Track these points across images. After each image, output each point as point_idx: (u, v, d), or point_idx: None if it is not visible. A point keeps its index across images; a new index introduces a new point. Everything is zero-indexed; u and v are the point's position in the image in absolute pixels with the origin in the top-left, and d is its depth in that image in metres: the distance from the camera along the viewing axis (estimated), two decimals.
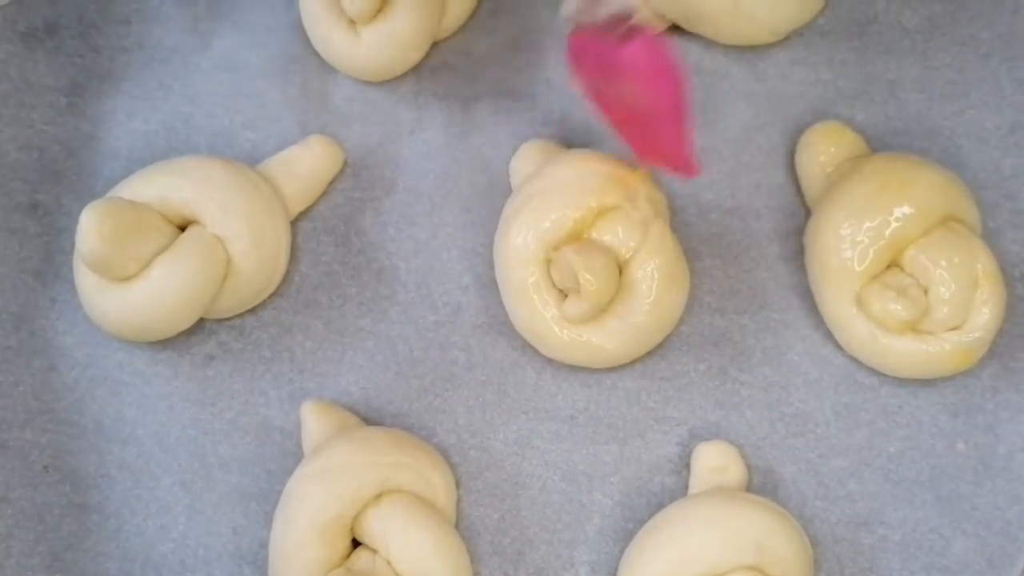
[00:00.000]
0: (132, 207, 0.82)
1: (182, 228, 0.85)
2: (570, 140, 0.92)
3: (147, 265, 0.82)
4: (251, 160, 0.90)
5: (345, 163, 0.92)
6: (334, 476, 0.78)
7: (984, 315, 0.82)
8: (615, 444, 0.85)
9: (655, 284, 0.82)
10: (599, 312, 0.82)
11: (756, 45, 0.94)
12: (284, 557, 0.78)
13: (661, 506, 0.81)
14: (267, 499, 0.83)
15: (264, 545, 0.82)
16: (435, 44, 0.94)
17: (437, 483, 0.81)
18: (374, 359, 0.87)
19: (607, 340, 0.83)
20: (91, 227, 0.79)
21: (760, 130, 0.93)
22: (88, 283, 0.83)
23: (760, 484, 0.84)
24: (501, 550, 0.83)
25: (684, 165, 0.79)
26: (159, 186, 0.84)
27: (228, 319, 0.88)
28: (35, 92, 0.93)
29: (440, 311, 0.89)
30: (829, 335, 0.87)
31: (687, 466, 0.84)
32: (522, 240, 0.83)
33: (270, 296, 0.88)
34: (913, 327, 0.83)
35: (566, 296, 0.83)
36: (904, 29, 0.95)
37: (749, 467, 0.84)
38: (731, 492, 0.80)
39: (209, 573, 0.82)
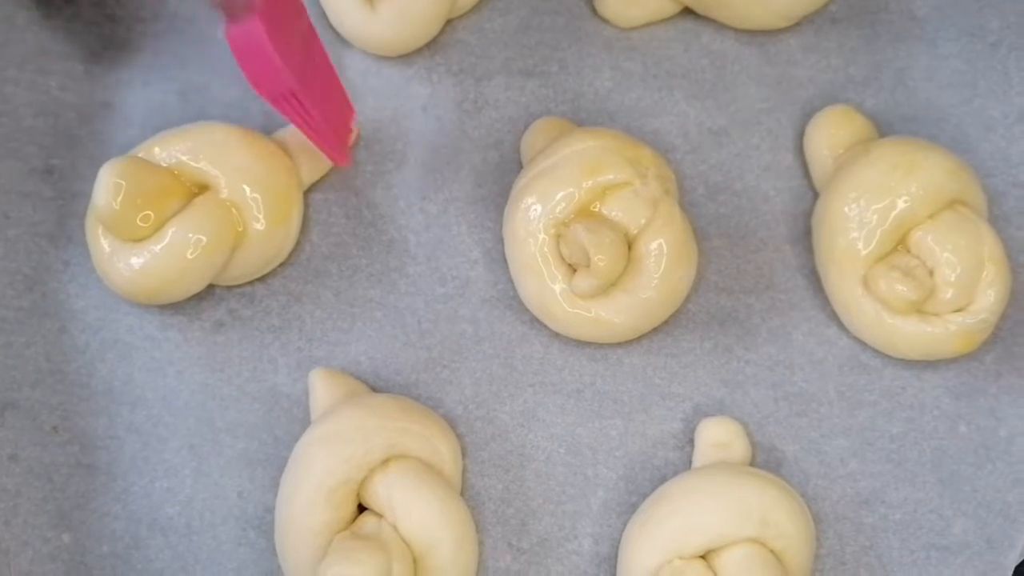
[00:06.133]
0: (150, 168, 0.82)
1: (196, 194, 0.85)
2: (582, 118, 0.93)
3: (160, 228, 0.82)
4: (265, 131, 0.90)
5: (358, 136, 0.92)
6: (342, 440, 0.78)
7: (989, 297, 0.83)
8: (620, 419, 0.86)
9: (663, 260, 0.83)
10: (608, 287, 0.83)
11: (768, 30, 0.95)
12: (290, 520, 0.78)
13: (664, 480, 0.82)
14: (273, 464, 0.84)
15: (269, 510, 0.83)
16: (449, 21, 0.95)
17: (444, 451, 0.81)
18: (383, 330, 0.88)
19: (615, 315, 0.84)
20: (109, 183, 0.79)
21: (770, 113, 0.93)
22: (101, 245, 0.84)
23: (763, 462, 0.85)
24: (505, 520, 0.83)
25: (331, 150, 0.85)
26: (175, 151, 0.84)
27: (238, 286, 0.88)
28: (52, 59, 0.93)
29: (449, 284, 0.89)
30: (834, 316, 0.88)
31: (691, 442, 0.85)
32: (531, 215, 0.84)
33: (280, 265, 0.89)
34: (918, 308, 0.83)
35: (574, 271, 0.84)
36: (914, 17, 0.96)
37: (752, 444, 0.85)
38: (735, 466, 0.81)
39: (214, 536, 0.83)
